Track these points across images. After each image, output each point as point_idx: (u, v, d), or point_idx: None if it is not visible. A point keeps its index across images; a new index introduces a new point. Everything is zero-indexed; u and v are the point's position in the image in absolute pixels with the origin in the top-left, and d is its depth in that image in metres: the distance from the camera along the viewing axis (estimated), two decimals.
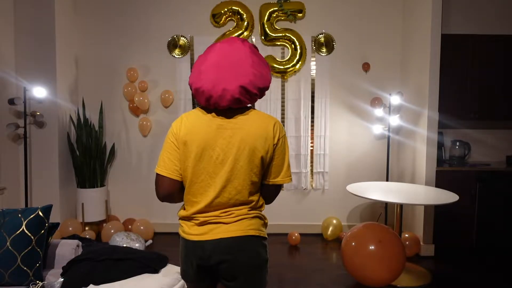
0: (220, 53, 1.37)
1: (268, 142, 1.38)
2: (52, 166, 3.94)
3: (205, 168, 1.38)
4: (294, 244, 4.07)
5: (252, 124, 1.38)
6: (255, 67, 1.37)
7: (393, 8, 4.36)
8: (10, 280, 1.98)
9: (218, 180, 1.37)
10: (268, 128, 1.39)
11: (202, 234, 1.38)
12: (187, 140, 1.38)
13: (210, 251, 1.36)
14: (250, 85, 1.34)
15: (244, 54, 1.37)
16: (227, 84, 1.33)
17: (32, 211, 2.07)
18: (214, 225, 1.38)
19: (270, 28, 4.28)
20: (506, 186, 3.80)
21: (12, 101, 3.55)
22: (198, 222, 1.40)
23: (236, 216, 1.38)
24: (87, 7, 4.33)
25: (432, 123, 3.76)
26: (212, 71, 1.35)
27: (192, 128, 1.38)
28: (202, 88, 1.35)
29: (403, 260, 2.90)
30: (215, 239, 1.36)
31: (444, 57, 3.77)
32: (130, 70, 4.28)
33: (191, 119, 1.41)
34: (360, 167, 4.45)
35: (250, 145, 1.36)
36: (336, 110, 4.42)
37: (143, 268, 2.12)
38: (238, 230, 1.37)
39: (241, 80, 1.33)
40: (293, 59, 4.28)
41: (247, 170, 1.37)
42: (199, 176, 1.38)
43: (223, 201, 1.38)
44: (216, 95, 1.34)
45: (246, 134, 1.36)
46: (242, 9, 4.24)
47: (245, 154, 1.36)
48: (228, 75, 1.33)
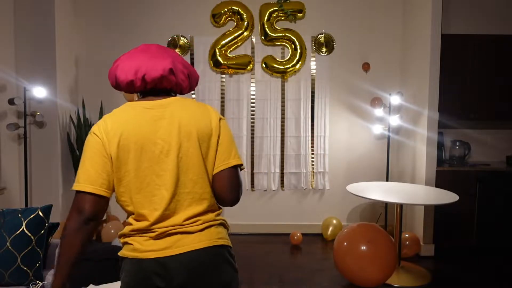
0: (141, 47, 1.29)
1: (212, 121, 1.24)
2: (52, 166, 3.93)
3: (149, 167, 1.16)
4: (296, 244, 4.07)
5: (188, 108, 1.24)
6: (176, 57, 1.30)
7: (393, 8, 4.36)
8: (10, 280, 1.98)
9: (168, 177, 1.16)
10: (208, 109, 1.28)
11: (163, 250, 1.13)
12: (120, 140, 1.15)
13: (173, 269, 1.12)
14: (181, 64, 1.27)
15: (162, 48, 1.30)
16: (158, 59, 1.22)
17: (32, 211, 2.07)
18: (176, 237, 1.15)
19: (270, 28, 4.28)
20: (506, 186, 3.80)
21: (12, 101, 3.55)
22: (155, 234, 1.14)
23: (202, 223, 1.18)
24: (87, 7, 4.33)
25: (432, 123, 3.76)
26: (137, 54, 1.25)
27: (123, 125, 1.17)
28: (128, 63, 1.22)
29: (394, 259, 2.90)
30: (181, 253, 1.13)
31: (444, 57, 3.77)
32: None
33: (118, 117, 1.20)
34: (360, 167, 4.45)
35: (195, 127, 1.20)
36: (336, 110, 4.42)
37: None
38: (206, 240, 1.17)
39: (171, 57, 1.25)
40: (293, 59, 4.28)
41: (198, 156, 1.20)
42: (145, 179, 1.16)
43: (181, 198, 1.17)
44: (145, 67, 1.20)
45: (187, 118, 1.21)
46: (242, 9, 4.24)
47: (193, 138, 1.19)
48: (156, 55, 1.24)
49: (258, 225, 4.41)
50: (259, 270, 3.36)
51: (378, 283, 2.91)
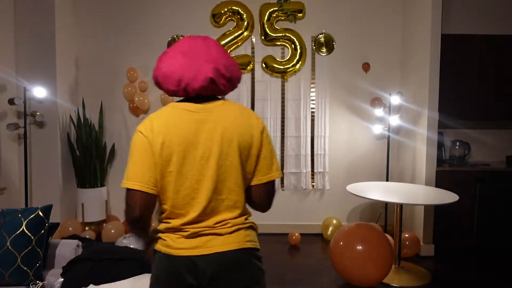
0: (183, 44, 1.26)
1: (255, 130, 1.24)
2: (52, 166, 3.94)
3: (189, 171, 1.19)
4: (295, 244, 4.07)
5: (232, 113, 1.24)
6: (224, 56, 1.26)
7: (393, 8, 4.36)
8: (10, 280, 1.98)
9: (206, 183, 1.19)
10: (251, 116, 1.27)
11: (194, 248, 1.18)
12: (165, 141, 1.18)
13: (204, 268, 1.17)
14: (223, 68, 1.23)
15: (209, 44, 1.27)
16: (199, 65, 1.20)
17: (32, 211, 2.07)
18: (207, 237, 1.20)
19: (270, 28, 4.28)
20: (506, 186, 3.80)
21: (12, 101, 3.55)
22: (187, 234, 1.20)
23: (232, 226, 1.22)
24: (87, 7, 4.33)
25: (432, 123, 3.76)
26: (179, 57, 1.22)
27: (167, 127, 1.20)
28: (171, 69, 1.22)
29: (389, 258, 2.89)
30: (210, 254, 1.18)
31: (444, 57, 3.77)
32: (130, 70, 4.28)
33: (163, 118, 1.23)
34: (360, 167, 4.45)
35: (236, 135, 1.21)
36: (336, 110, 4.42)
37: (143, 268, 2.12)
38: (235, 242, 1.21)
39: (213, 62, 1.22)
40: (293, 59, 4.28)
41: (237, 165, 1.21)
42: (184, 182, 1.20)
43: (216, 204, 1.21)
44: (187, 76, 1.20)
45: (230, 124, 1.21)
46: (242, 9, 4.24)
47: (234, 146, 1.20)
48: (196, 60, 1.21)
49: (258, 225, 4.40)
50: None
51: (374, 282, 2.92)
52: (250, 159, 1.24)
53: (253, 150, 1.24)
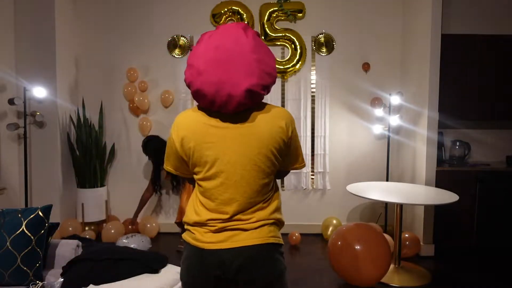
0: (220, 47, 1.20)
1: (283, 137, 1.28)
2: (52, 166, 3.94)
3: (217, 174, 1.26)
4: (295, 244, 4.07)
5: (264, 119, 1.27)
6: (261, 63, 1.22)
7: (393, 8, 4.36)
8: (10, 280, 1.98)
9: (234, 186, 1.26)
10: (281, 123, 1.28)
11: (220, 242, 1.25)
12: (195, 145, 1.26)
13: (229, 261, 1.23)
14: (258, 87, 1.21)
15: (249, 47, 1.21)
16: (232, 88, 1.18)
17: (32, 211, 2.07)
18: (232, 232, 1.26)
19: (270, 28, 4.28)
20: (506, 186, 3.80)
21: (12, 101, 3.55)
22: (214, 228, 1.26)
23: (256, 221, 1.27)
24: (87, 7, 4.33)
25: (432, 123, 3.76)
26: (213, 71, 1.19)
27: (195, 132, 1.26)
28: (203, 91, 1.21)
29: (387, 258, 2.90)
30: (235, 247, 1.24)
31: (444, 57, 3.76)
32: (130, 70, 4.28)
33: (190, 122, 1.28)
34: (360, 167, 4.45)
35: (264, 142, 1.25)
36: (336, 110, 4.42)
37: (143, 268, 2.12)
38: (259, 237, 1.26)
39: (247, 81, 1.18)
40: (293, 59, 4.28)
41: (264, 169, 1.27)
42: (211, 183, 1.27)
43: (244, 206, 1.27)
44: (220, 101, 1.20)
45: (259, 131, 1.25)
46: (242, 9, 4.24)
47: (261, 153, 1.25)
48: (232, 76, 1.18)
49: None
50: None
51: (373, 281, 2.92)
52: (276, 162, 1.31)
53: (281, 154, 1.31)
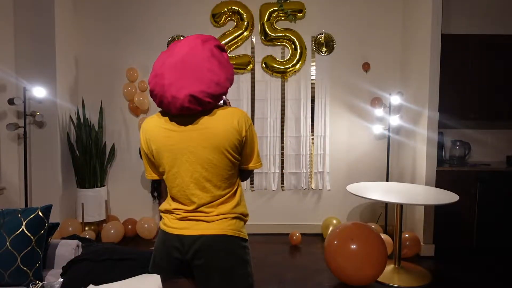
0: (178, 55, 1.34)
1: (236, 136, 1.38)
2: (52, 166, 3.93)
3: (178, 172, 1.40)
4: (295, 244, 4.07)
5: (217, 122, 1.37)
6: (212, 72, 1.33)
7: (393, 8, 4.36)
8: (10, 280, 1.98)
9: (194, 183, 1.39)
10: (233, 123, 1.38)
11: (183, 229, 1.39)
12: (156, 148, 1.40)
13: (187, 246, 1.37)
14: (201, 94, 1.31)
15: (201, 58, 1.33)
16: (177, 91, 1.30)
17: (32, 211, 2.07)
18: (195, 222, 1.39)
19: (270, 28, 4.28)
20: (506, 186, 3.80)
21: (12, 101, 3.55)
22: (179, 216, 1.42)
23: (217, 215, 1.40)
24: (87, 7, 4.33)
25: (432, 123, 3.76)
26: (166, 74, 1.32)
27: (156, 136, 1.40)
28: (155, 91, 1.35)
29: (382, 257, 2.91)
30: (195, 234, 1.37)
31: (444, 57, 3.76)
32: (130, 70, 4.28)
33: (152, 128, 1.42)
34: (360, 167, 4.45)
35: (218, 142, 1.36)
36: (336, 110, 4.42)
37: (143, 268, 2.12)
38: (218, 228, 1.38)
39: (192, 88, 1.30)
40: (293, 59, 4.28)
41: (220, 166, 1.39)
42: (174, 181, 1.41)
43: (205, 201, 1.40)
44: (166, 101, 1.33)
45: (213, 133, 1.36)
46: (242, 9, 4.24)
47: (217, 153, 1.37)
48: (180, 81, 1.30)
49: (258, 225, 4.41)
50: (259, 270, 3.36)
51: (370, 280, 2.94)
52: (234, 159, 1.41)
53: (236, 153, 1.41)
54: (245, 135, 1.41)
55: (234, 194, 1.46)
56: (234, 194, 1.46)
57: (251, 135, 1.44)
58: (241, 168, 1.50)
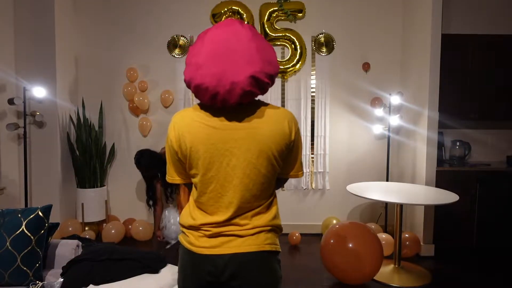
0: (217, 40, 1.17)
1: (285, 140, 1.22)
2: (52, 166, 3.93)
3: (215, 177, 1.21)
4: (295, 244, 4.07)
5: (265, 121, 1.21)
6: (262, 52, 1.17)
7: (393, 8, 4.36)
8: (10, 280, 1.98)
9: (232, 190, 1.21)
10: (284, 125, 1.22)
11: (214, 248, 1.21)
12: (191, 146, 1.20)
13: (222, 267, 1.20)
14: (261, 74, 1.15)
15: (246, 38, 1.17)
16: (235, 75, 1.13)
17: (32, 211, 2.07)
18: (227, 238, 1.22)
19: (270, 28, 4.28)
20: (506, 186, 3.80)
21: (12, 101, 3.55)
22: (209, 233, 1.23)
23: (252, 228, 1.23)
24: (87, 7, 4.32)
25: (432, 123, 3.76)
26: (213, 63, 1.14)
27: (192, 132, 1.20)
28: (205, 84, 1.15)
29: (378, 255, 2.94)
30: (228, 253, 1.20)
31: (444, 57, 3.76)
32: (130, 70, 4.28)
33: (188, 122, 1.22)
34: (360, 167, 4.45)
35: (265, 146, 1.19)
36: (336, 110, 4.42)
37: (143, 268, 2.12)
38: (254, 245, 1.22)
39: (250, 69, 1.13)
40: (293, 59, 4.28)
41: (264, 173, 1.22)
42: (209, 186, 1.22)
43: (242, 211, 1.23)
44: (223, 91, 1.14)
45: (260, 134, 1.19)
46: (242, 9, 4.24)
47: (262, 157, 1.19)
48: (233, 65, 1.13)
49: None
50: None
51: (364, 279, 2.96)
52: (278, 166, 1.26)
53: (282, 158, 1.26)
54: (294, 139, 1.25)
55: (271, 204, 1.31)
56: (271, 205, 1.31)
57: (298, 140, 1.29)
58: (279, 176, 1.34)
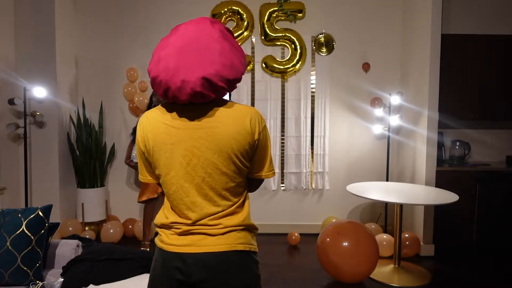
0: (185, 37, 1.16)
1: (247, 139, 1.19)
2: (52, 166, 3.93)
3: (176, 177, 1.19)
4: (294, 244, 4.07)
5: (226, 120, 1.18)
6: (224, 54, 1.15)
7: (393, 8, 4.36)
8: (10, 280, 1.98)
9: (194, 190, 1.19)
10: (245, 123, 1.19)
11: (184, 246, 1.19)
12: (154, 146, 1.20)
13: (192, 266, 1.17)
14: (215, 77, 1.12)
15: (213, 39, 1.15)
16: (188, 74, 1.11)
17: (32, 211, 2.07)
18: (198, 236, 1.19)
19: (270, 28, 4.28)
20: (506, 186, 3.80)
21: (12, 101, 3.55)
22: (179, 231, 1.20)
23: (224, 228, 1.20)
24: (87, 7, 4.33)
25: (432, 123, 3.76)
26: (173, 58, 1.14)
27: (155, 132, 1.20)
28: (159, 77, 1.15)
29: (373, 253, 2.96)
30: (199, 252, 1.17)
31: (444, 57, 3.77)
32: (130, 70, 4.28)
33: (152, 122, 1.22)
34: (360, 167, 4.45)
35: (226, 145, 1.17)
36: (336, 110, 4.42)
37: (143, 268, 2.12)
38: (225, 244, 1.18)
39: (204, 70, 1.11)
40: (293, 59, 4.28)
41: (226, 172, 1.19)
42: (171, 187, 1.21)
43: (209, 211, 1.20)
44: (174, 87, 1.13)
45: (221, 133, 1.17)
46: (242, 9, 4.24)
47: (223, 156, 1.17)
48: (190, 63, 1.12)
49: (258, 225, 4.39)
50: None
51: (360, 277, 2.99)
52: (242, 165, 1.22)
53: (246, 158, 1.22)
54: (258, 138, 1.22)
55: (242, 205, 1.27)
56: (242, 205, 1.27)
57: (264, 139, 1.25)
58: (250, 176, 1.30)
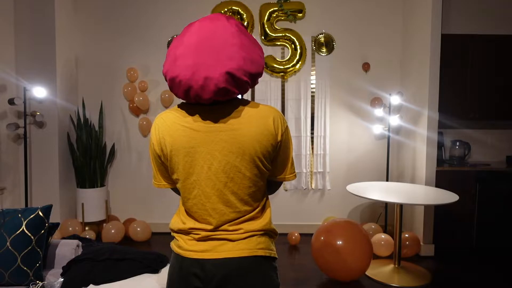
0: (200, 34, 1.10)
1: (271, 141, 1.14)
2: (52, 166, 3.93)
3: (197, 181, 1.15)
4: (294, 244, 4.07)
5: (249, 122, 1.13)
6: (244, 49, 1.10)
7: (393, 8, 4.36)
8: (10, 280, 1.98)
9: (216, 195, 1.15)
10: (268, 125, 1.14)
11: (203, 252, 1.15)
12: (172, 150, 1.14)
13: (211, 272, 1.13)
14: (239, 71, 1.08)
15: (231, 34, 1.10)
16: (210, 71, 1.06)
17: (32, 211, 2.07)
18: (218, 242, 1.16)
19: (270, 28, 4.28)
20: (506, 186, 3.80)
21: (12, 101, 3.55)
22: (198, 237, 1.17)
23: (244, 233, 1.16)
24: (87, 7, 4.33)
25: (432, 123, 3.76)
26: (191, 56, 1.08)
27: (173, 135, 1.14)
28: (179, 77, 1.09)
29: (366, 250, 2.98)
30: (219, 258, 1.14)
31: (444, 57, 3.77)
32: (130, 70, 4.28)
33: (168, 124, 1.16)
34: (360, 167, 4.45)
35: (249, 148, 1.12)
36: (336, 110, 4.42)
37: (143, 268, 2.12)
38: (246, 249, 1.15)
39: (227, 65, 1.07)
40: (293, 59, 4.28)
41: (249, 176, 1.15)
42: (191, 192, 1.16)
43: (229, 217, 1.16)
44: (196, 86, 1.07)
45: (243, 135, 1.12)
46: (242, 9, 4.24)
47: (245, 160, 1.13)
48: (210, 59, 1.07)
49: None
50: None
51: (355, 275, 3.01)
52: (265, 168, 1.18)
53: (268, 160, 1.18)
54: (281, 139, 1.17)
55: (263, 209, 1.23)
56: (263, 210, 1.23)
57: (286, 140, 1.20)
58: (270, 179, 1.25)
